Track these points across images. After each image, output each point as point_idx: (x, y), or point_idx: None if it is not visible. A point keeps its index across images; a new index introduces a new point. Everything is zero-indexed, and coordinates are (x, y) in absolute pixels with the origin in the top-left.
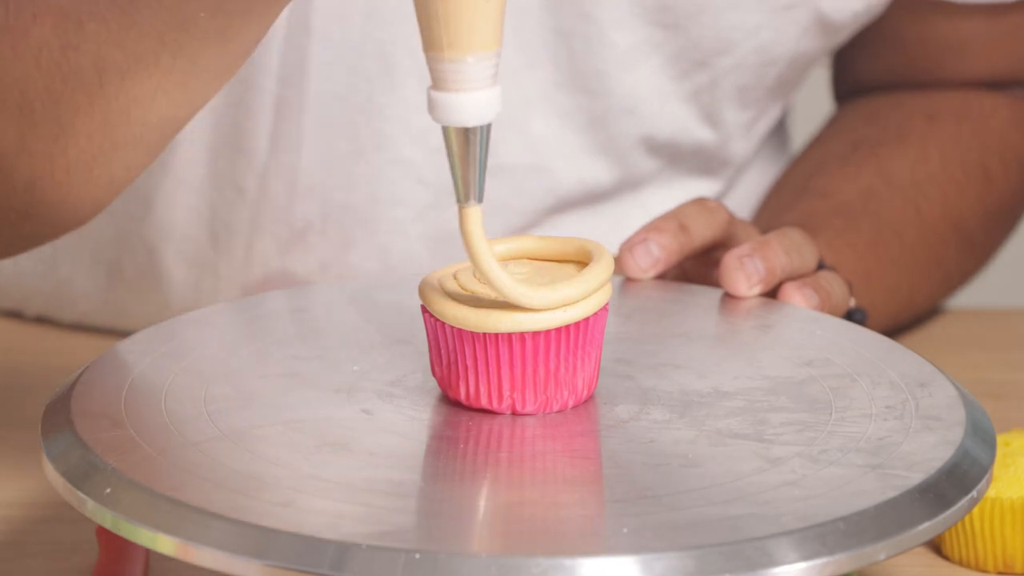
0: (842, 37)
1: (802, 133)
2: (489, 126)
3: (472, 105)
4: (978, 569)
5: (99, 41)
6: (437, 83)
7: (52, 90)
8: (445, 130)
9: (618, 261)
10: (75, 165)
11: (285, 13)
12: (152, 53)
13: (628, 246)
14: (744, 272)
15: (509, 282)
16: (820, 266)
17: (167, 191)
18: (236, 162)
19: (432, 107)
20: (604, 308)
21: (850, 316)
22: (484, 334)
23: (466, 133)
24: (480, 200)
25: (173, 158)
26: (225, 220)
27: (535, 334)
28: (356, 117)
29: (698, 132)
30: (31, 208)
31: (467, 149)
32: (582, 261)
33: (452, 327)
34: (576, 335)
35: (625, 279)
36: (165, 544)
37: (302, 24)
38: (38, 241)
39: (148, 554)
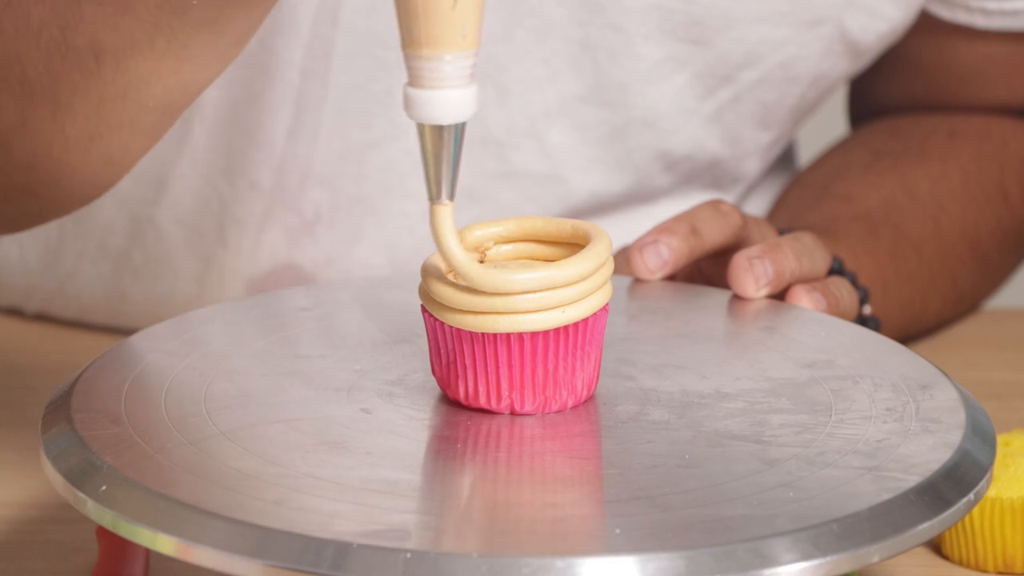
0: (864, 61)
1: (805, 156)
2: (464, 125)
3: (447, 103)
4: (978, 569)
5: (96, 23)
6: (413, 80)
7: (51, 69)
8: (420, 127)
9: (627, 261)
10: (73, 143)
11: (312, 8)
12: (147, 37)
13: (638, 246)
14: (753, 274)
15: (479, 272)
16: (837, 271)
17: (181, 174)
18: (251, 156)
19: (407, 104)
20: (604, 309)
21: (864, 324)
22: (483, 334)
23: (440, 131)
24: (451, 198)
25: (188, 145)
26: (235, 213)
27: (534, 334)
28: (373, 107)
29: (716, 149)
30: (33, 185)
31: (440, 147)
32: None
33: (451, 327)
34: (575, 335)
35: (633, 280)
36: (165, 544)
37: (331, 18)
38: (42, 218)
39: (148, 554)
